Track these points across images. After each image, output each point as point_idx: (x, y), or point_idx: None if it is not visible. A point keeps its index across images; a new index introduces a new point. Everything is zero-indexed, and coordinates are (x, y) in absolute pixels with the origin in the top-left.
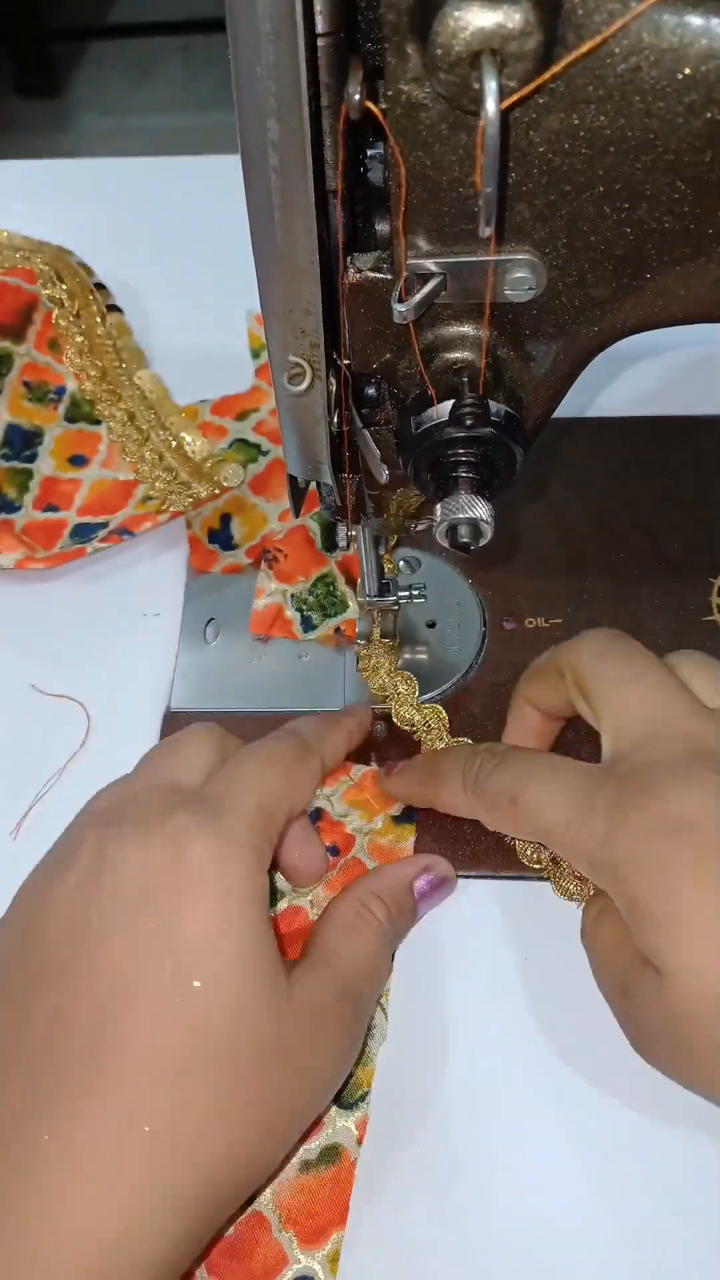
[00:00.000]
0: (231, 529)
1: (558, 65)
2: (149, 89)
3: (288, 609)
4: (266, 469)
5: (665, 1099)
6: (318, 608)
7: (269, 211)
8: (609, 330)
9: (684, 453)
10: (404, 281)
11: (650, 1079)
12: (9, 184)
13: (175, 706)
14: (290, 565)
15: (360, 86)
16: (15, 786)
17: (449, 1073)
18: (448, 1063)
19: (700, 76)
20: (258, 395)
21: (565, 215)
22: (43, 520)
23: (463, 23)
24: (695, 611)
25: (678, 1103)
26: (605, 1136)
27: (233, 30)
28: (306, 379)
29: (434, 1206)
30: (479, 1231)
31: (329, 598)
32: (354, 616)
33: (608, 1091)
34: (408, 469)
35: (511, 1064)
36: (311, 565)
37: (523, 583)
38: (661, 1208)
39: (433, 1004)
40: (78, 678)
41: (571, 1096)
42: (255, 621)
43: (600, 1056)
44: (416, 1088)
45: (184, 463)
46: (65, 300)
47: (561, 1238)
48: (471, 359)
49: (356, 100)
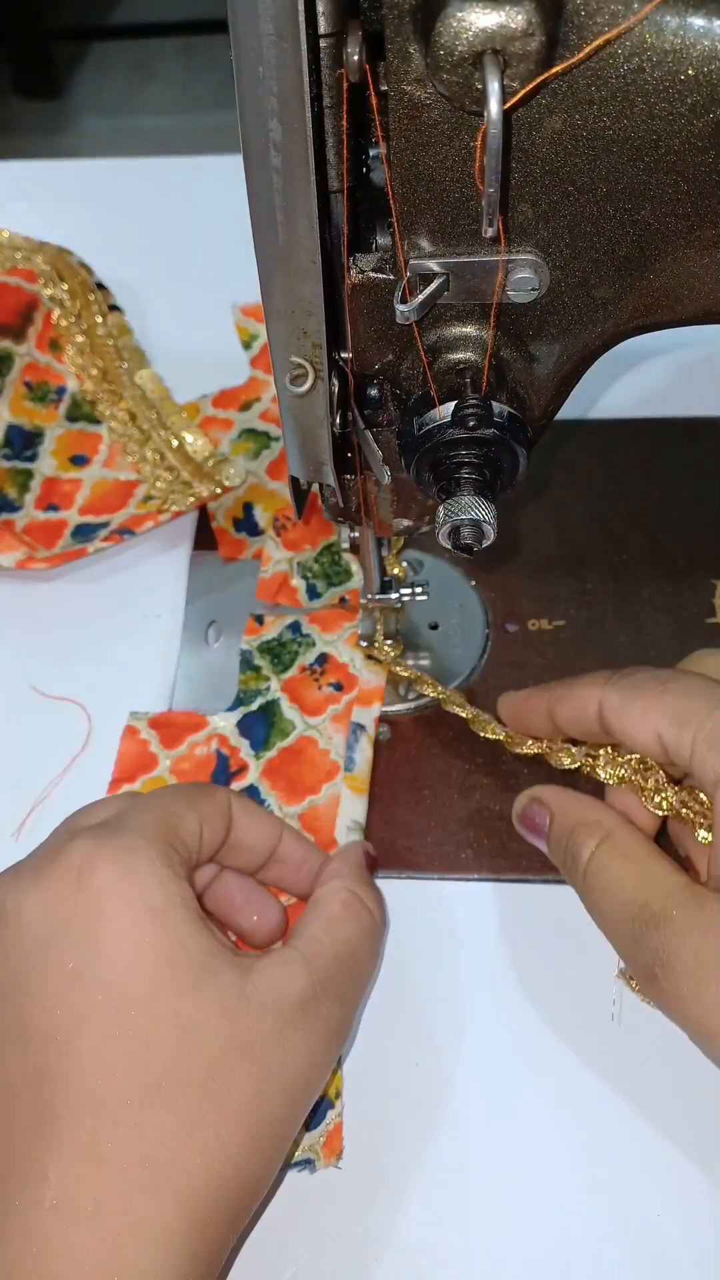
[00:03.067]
0: (255, 515)
1: (560, 66)
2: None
3: (293, 577)
4: (280, 454)
5: (664, 1100)
6: (323, 576)
7: (271, 212)
8: (612, 331)
9: (686, 454)
10: (406, 282)
11: (651, 1079)
12: (9, 184)
13: (177, 708)
14: (298, 533)
15: (360, 48)
16: (17, 788)
17: (449, 1073)
18: (448, 1063)
19: (703, 78)
20: (256, 385)
21: (568, 216)
22: (44, 520)
23: (465, 23)
24: (697, 613)
25: (677, 1104)
26: (605, 1137)
27: (234, 31)
28: (309, 380)
29: (433, 1207)
30: (479, 1232)
31: (334, 566)
32: (358, 586)
33: (608, 1092)
34: (410, 470)
35: (511, 1064)
36: (318, 534)
37: (525, 584)
38: (662, 1208)
39: (433, 1005)
40: (79, 679)
41: (571, 1097)
42: (261, 589)
43: (600, 1056)
44: (416, 1088)
45: (185, 462)
46: (66, 300)
47: (561, 1239)
48: (474, 360)
49: (356, 61)
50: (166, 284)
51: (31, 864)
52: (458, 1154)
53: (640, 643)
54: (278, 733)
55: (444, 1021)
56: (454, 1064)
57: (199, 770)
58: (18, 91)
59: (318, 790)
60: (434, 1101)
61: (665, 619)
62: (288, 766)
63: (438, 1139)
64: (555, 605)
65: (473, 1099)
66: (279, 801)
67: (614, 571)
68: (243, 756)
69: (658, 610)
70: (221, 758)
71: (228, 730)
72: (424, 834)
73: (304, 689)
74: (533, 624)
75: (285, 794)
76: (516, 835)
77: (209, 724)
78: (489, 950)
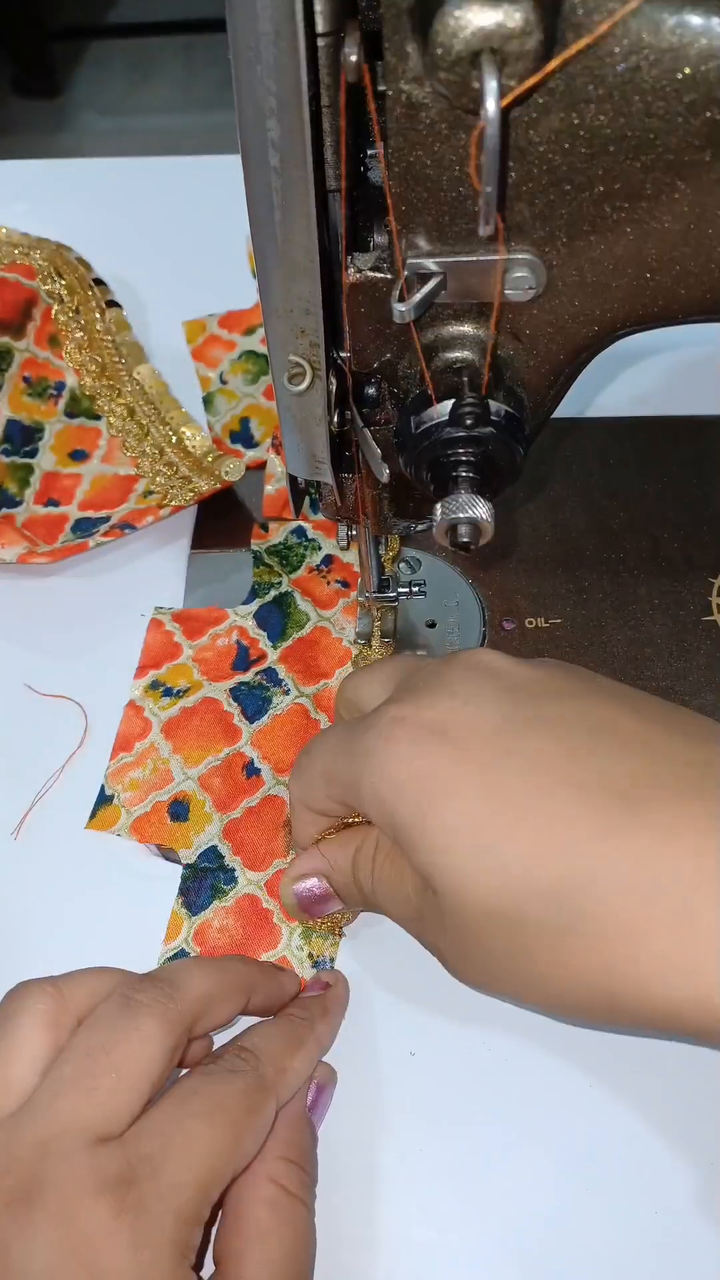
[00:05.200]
0: (251, 429)
1: (555, 61)
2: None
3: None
4: None
5: (664, 1099)
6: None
7: (269, 211)
8: (609, 330)
9: (684, 452)
10: (404, 281)
11: (651, 1079)
12: (9, 184)
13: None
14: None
15: (358, 48)
16: (14, 787)
17: (448, 1073)
18: (447, 1062)
19: (700, 76)
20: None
21: (565, 214)
22: (44, 515)
23: (463, 22)
24: (695, 611)
25: (677, 1103)
26: (605, 1137)
27: (233, 30)
28: (307, 378)
29: (433, 1207)
30: (479, 1232)
31: None
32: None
33: (608, 1091)
34: (408, 469)
35: (511, 1063)
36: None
37: (522, 582)
38: (662, 1209)
39: (431, 1002)
40: (75, 676)
41: (571, 1096)
42: (267, 506)
43: (600, 1055)
44: (416, 1089)
45: (185, 457)
46: (64, 295)
47: (561, 1239)
48: (472, 358)
49: (354, 61)
50: (166, 282)
51: (47, 1208)
52: (457, 1153)
53: (637, 641)
54: (293, 624)
55: (443, 1020)
56: (453, 1063)
57: (220, 659)
58: (18, 91)
59: (331, 675)
60: (433, 1101)
61: (662, 617)
62: (304, 652)
63: (437, 1138)
64: (552, 603)
65: (472, 1098)
66: (296, 682)
67: (611, 570)
68: (261, 647)
69: (655, 609)
70: (241, 648)
71: (246, 622)
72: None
73: (313, 586)
74: (530, 622)
75: (301, 676)
76: None
77: (229, 616)
78: None
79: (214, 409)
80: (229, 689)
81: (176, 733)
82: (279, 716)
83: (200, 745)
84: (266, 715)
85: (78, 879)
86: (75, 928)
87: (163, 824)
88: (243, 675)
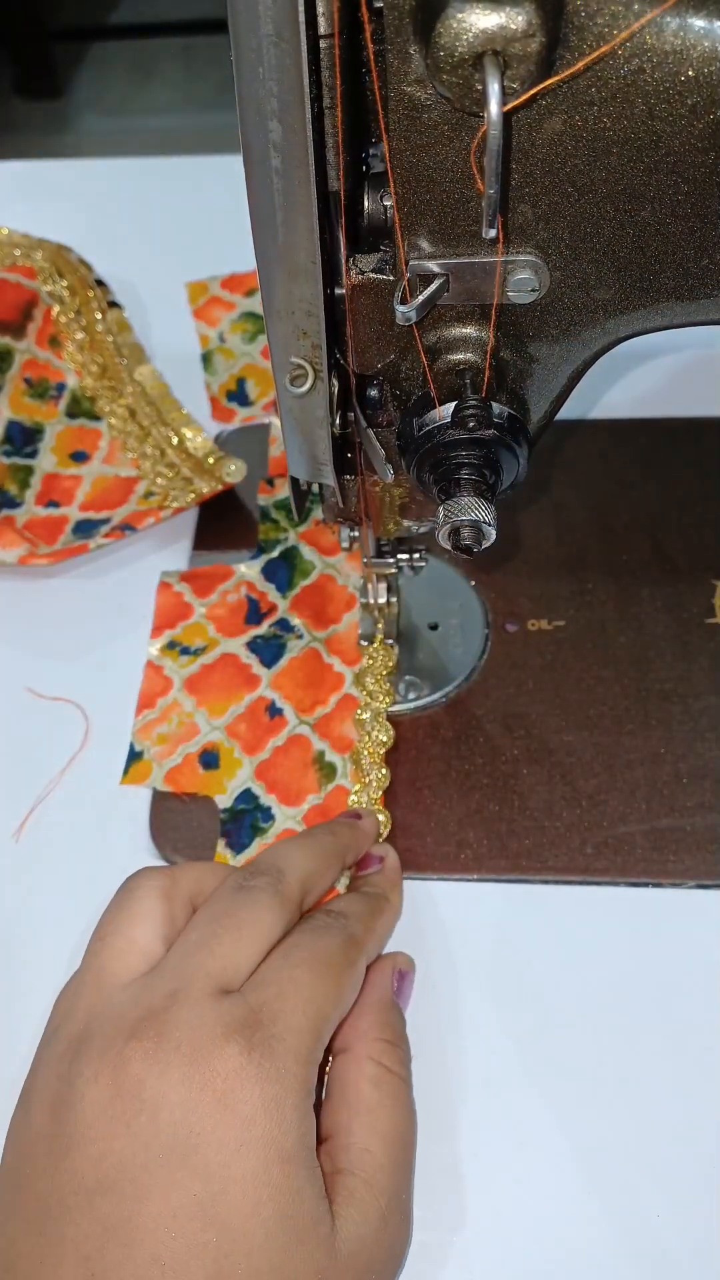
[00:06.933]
0: (247, 389)
1: (564, 73)
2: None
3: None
4: None
5: (664, 1100)
6: None
7: (271, 213)
8: (612, 332)
9: (686, 454)
10: (406, 283)
11: (651, 1079)
12: (9, 184)
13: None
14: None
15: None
16: (15, 789)
17: (448, 1074)
18: (448, 1063)
19: (703, 78)
20: None
21: (568, 217)
22: (45, 516)
23: (465, 24)
24: (697, 613)
25: (677, 1104)
26: (605, 1138)
27: (234, 32)
28: (309, 380)
29: (433, 1208)
30: (479, 1232)
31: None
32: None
33: (607, 1092)
34: (410, 471)
35: (511, 1065)
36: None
37: (525, 584)
38: (662, 1209)
39: (431, 1005)
40: (76, 678)
41: (571, 1097)
42: (274, 466)
43: (600, 1056)
44: (415, 1088)
45: (185, 458)
46: (65, 296)
47: (561, 1239)
48: (474, 360)
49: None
50: (166, 283)
51: (180, 1048)
52: (457, 1155)
53: (640, 643)
54: (300, 573)
55: (443, 1022)
56: (453, 1064)
57: (233, 615)
58: (18, 91)
59: (339, 620)
60: (433, 1101)
61: (665, 619)
62: (312, 599)
63: (437, 1139)
64: (555, 605)
65: (472, 1099)
66: (308, 627)
67: (614, 571)
68: (271, 599)
69: (658, 610)
70: (252, 602)
71: (254, 576)
72: (423, 834)
73: (319, 535)
74: (532, 624)
75: (312, 621)
76: (516, 835)
77: (236, 572)
78: (488, 951)
79: (212, 368)
80: (245, 643)
81: (199, 688)
82: (294, 659)
83: (223, 698)
84: (284, 658)
85: (78, 880)
86: (75, 929)
87: (195, 773)
88: (257, 629)
